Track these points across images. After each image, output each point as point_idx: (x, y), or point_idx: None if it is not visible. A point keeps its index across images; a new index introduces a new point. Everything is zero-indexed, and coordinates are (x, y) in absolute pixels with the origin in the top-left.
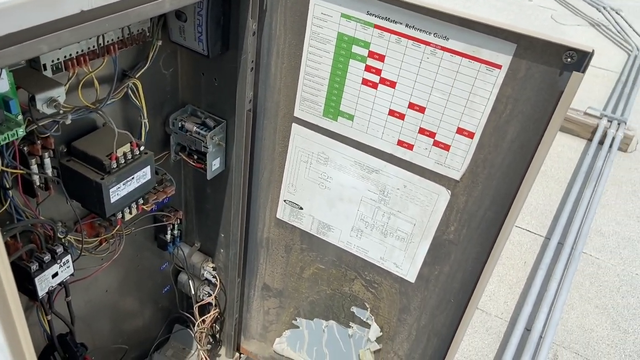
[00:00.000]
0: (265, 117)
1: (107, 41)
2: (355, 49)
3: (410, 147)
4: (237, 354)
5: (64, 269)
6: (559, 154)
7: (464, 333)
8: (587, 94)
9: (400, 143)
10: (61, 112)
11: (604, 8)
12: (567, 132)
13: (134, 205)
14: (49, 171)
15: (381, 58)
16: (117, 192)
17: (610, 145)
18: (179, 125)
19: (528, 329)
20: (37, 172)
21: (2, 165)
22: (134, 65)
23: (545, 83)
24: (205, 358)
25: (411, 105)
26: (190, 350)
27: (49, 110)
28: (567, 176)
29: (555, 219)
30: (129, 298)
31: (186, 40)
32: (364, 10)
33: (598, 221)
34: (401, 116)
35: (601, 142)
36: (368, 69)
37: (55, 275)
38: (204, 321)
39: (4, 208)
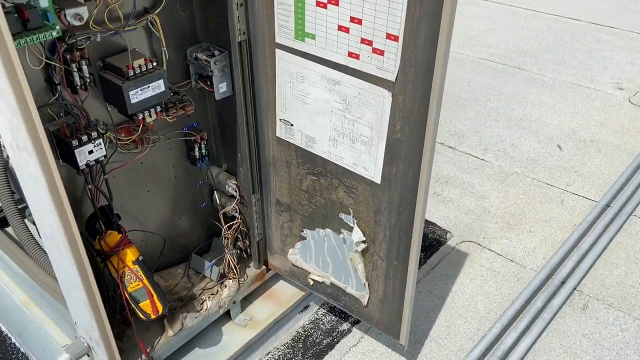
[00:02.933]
0: (257, 46)
1: None
2: None
3: (357, 57)
4: (263, 267)
5: (97, 149)
6: (638, 128)
7: (421, 229)
8: None
9: (350, 54)
10: (92, 28)
11: None
12: None
13: (152, 110)
14: (87, 75)
15: None
16: (135, 96)
17: None
18: (194, 57)
19: (549, 277)
20: (76, 70)
21: (47, 60)
22: (154, 5)
23: None
24: (232, 261)
25: (352, 19)
26: (222, 256)
27: (75, 22)
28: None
29: (612, 186)
30: (170, 202)
31: None
32: None
33: None
34: (347, 30)
35: None
36: None
37: (90, 152)
38: (229, 227)
39: (54, 98)
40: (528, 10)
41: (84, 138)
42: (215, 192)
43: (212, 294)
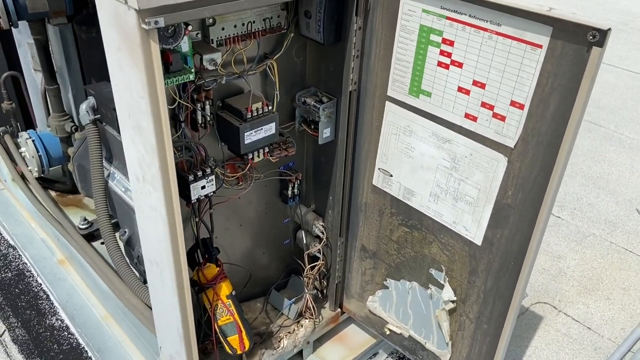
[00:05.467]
0: (366, 97)
1: (254, 29)
2: (432, 37)
3: (474, 119)
4: (338, 310)
5: (209, 184)
6: None
7: (521, 296)
8: None
9: (467, 115)
10: (219, 71)
11: None
12: None
13: (261, 151)
14: (208, 114)
15: (451, 43)
16: (249, 137)
17: None
18: (302, 101)
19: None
20: (200, 109)
21: (180, 99)
22: (273, 51)
23: (577, 59)
24: (311, 301)
25: (475, 82)
26: (301, 295)
27: (210, 67)
28: None
29: None
30: (257, 237)
31: (310, 33)
32: (439, 6)
33: None
34: (467, 92)
35: None
36: (442, 53)
37: (203, 187)
38: (311, 268)
39: (177, 135)
40: (605, 64)
41: (199, 174)
42: (299, 231)
43: (289, 332)
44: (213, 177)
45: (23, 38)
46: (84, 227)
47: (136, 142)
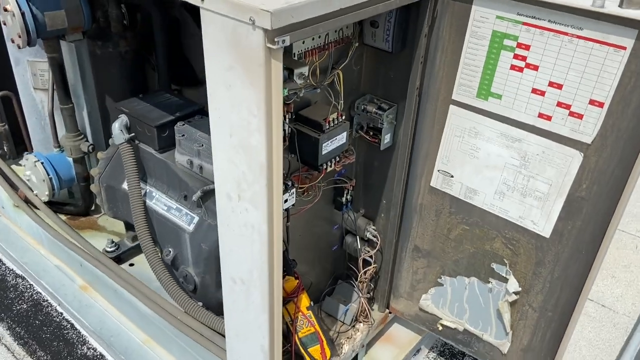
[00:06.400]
0: (428, 101)
1: (329, 40)
2: (506, 42)
3: (549, 118)
4: (387, 311)
5: (290, 198)
6: None
7: (594, 281)
8: None
9: (541, 115)
10: (300, 85)
11: None
12: None
13: (333, 160)
14: (287, 126)
15: (527, 48)
16: (326, 147)
17: None
18: (362, 108)
19: None
20: (285, 123)
21: None
22: (338, 61)
23: None
24: (366, 305)
25: (551, 84)
26: (350, 301)
27: (299, 81)
28: None
29: None
30: (310, 245)
31: (375, 42)
32: (515, 12)
33: None
34: (542, 93)
35: None
36: (516, 57)
37: (286, 201)
38: (365, 273)
39: None
40: None
41: (282, 187)
42: (347, 236)
43: (347, 338)
44: (294, 190)
45: (23, 56)
46: (111, 249)
47: (235, 161)
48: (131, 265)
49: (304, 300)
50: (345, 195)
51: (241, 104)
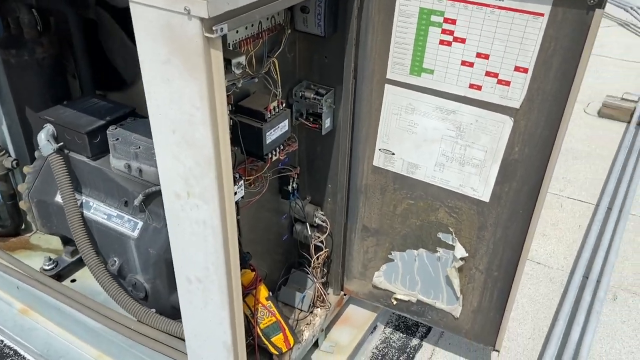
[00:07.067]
0: (364, 83)
1: (263, 28)
2: (434, 17)
3: (479, 88)
4: (342, 293)
5: (239, 190)
6: (601, 136)
7: (532, 239)
8: (623, 84)
9: (471, 86)
10: (238, 75)
11: (631, 8)
12: (607, 118)
13: (277, 149)
14: (230, 120)
15: (453, 22)
16: (269, 136)
17: None
18: (300, 95)
19: (586, 277)
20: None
21: None
22: (272, 49)
23: (577, 22)
24: (322, 290)
25: (478, 55)
26: (306, 288)
27: (237, 71)
28: (611, 154)
29: (603, 189)
30: (259, 237)
31: (308, 27)
32: None
33: None
34: (471, 64)
35: (639, 124)
36: (444, 31)
37: (235, 193)
38: (318, 258)
39: None
40: None
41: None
42: (297, 224)
43: (307, 324)
44: (242, 182)
45: None
46: (49, 267)
47: (181, 158)
48: (73, 281)
49: (263, 291)
50: (291, 183)
51: (182, 97)
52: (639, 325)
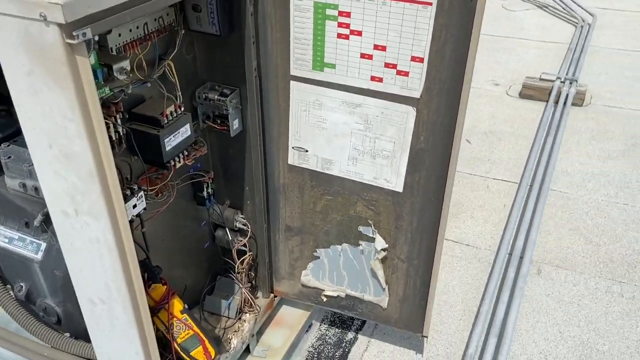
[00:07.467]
0: (269, 80)
1: (150, 29)
2: (328, 11)
3: (380, 80)
4: (271, 295)
5: (139, 202)
6: (523, 116)
7: (445, 227)
8: (542, 65)
9: (373, 78)
10: (124, 80)
11: None
12: (528, 98)
13: (181, 155)
14: (120, 128)
15: (348, 15)
16: (169, 143)
17: (565, 102)
18: (204, 97)
19: (510, 254)
20: (119, 125)
21: None
22: (166, 52)
23: (463, 9)
24: (248, 294)
25: (375, 47)
26: (232, 294)
27: (121, 76)
28: (532, 134)
29: (524, 168)
30: (178, 247)
31: (202, 27)
32: None
33: (563, 164)
34: (370, 57)
35: (557, 102)
36: (340, 25)
37: (134, 206)
38: (242, 263)
39: None
40: None
41: (128, 192)
42: (218, 229)
43: (235, 332)
44: (142, 193)
45: None
46: None
47: (62, 173)
48: None
49: (177, 305)
50: (205, 189)
51: (52, 109)
52: (562, 297)
